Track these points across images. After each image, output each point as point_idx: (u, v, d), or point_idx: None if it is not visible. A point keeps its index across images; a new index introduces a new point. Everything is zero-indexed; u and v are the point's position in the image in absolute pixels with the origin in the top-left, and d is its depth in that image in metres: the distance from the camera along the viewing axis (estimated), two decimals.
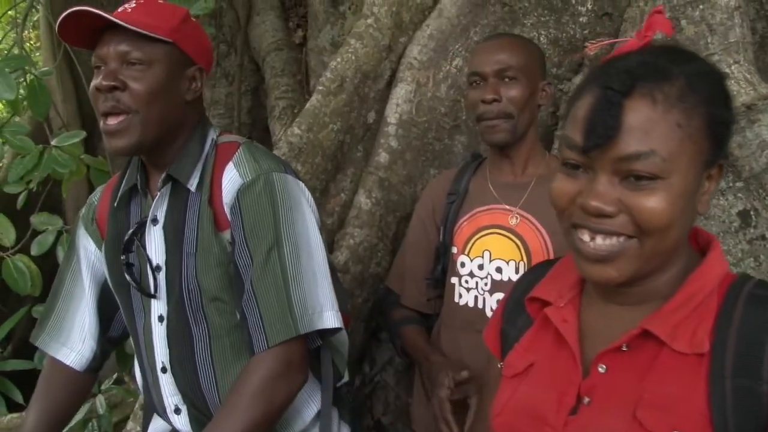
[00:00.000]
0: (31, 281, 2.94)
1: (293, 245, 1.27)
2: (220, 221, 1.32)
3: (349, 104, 2.23)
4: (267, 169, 1.32)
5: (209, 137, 1.41)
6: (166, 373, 1.40)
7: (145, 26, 1.28)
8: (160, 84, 1.29)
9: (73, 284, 1.52)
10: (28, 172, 2.65)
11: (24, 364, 3.52)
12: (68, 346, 1.50)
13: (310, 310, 1.25)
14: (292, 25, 3.67)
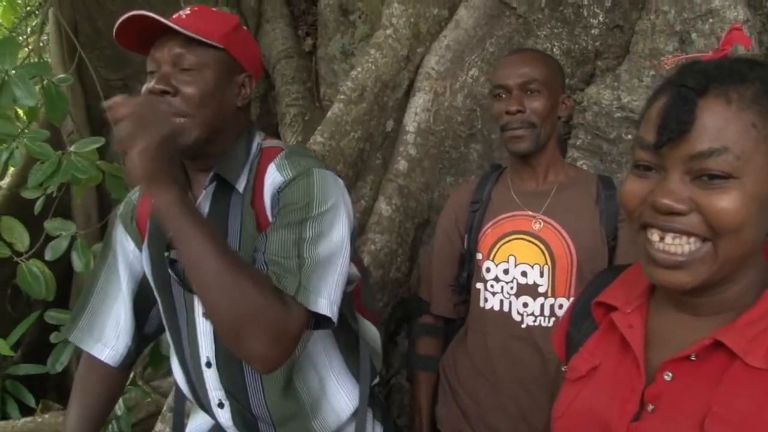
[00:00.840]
0: (45, 286, 2.97)
1: (316, 231, 1.25)
2: (261, 221, 1.34)
3: (369, 113, 2.29)
4: (308, 166, 1.33)
5: (255, 141, 1.43)
6: (211, 368, 1.42)
7: (199, 32, 1.29)
8: (210, 88, 1.31)
9: (108, 281, 1.54)
10: (48, 178, 2.68)
11: (36, 368, 3.56)
12: (102, 342, 1.52)
13: (309, 288, 1.21)
14: (301, 33, 3.72)
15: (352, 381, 1.48)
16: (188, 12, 1.35)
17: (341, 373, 1.48)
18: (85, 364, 1.55)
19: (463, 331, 1.87)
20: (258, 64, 1.45)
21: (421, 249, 2.34)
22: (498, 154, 2.41)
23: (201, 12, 1.37)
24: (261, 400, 1.41)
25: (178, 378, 1.55)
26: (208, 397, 1.45)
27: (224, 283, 1.11)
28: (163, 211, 1.13)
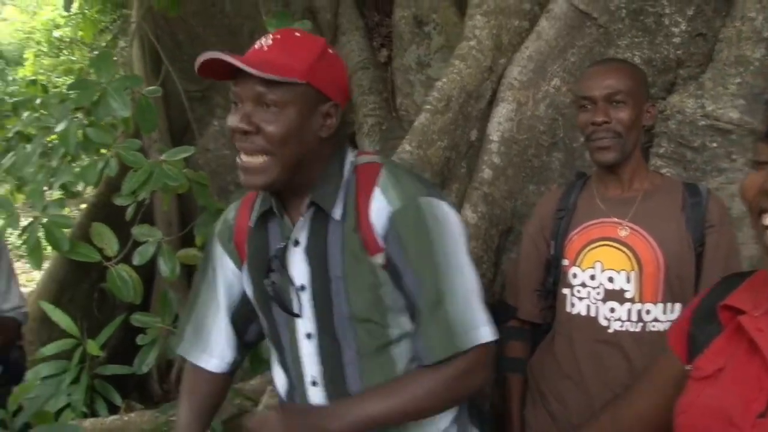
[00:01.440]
0: (133, 289, 3.09)
1: (447, 270, 1.32)
2: (369, 246, 1.36)
3: (454, 122, 2.35)
4: (414, 194, 1.35)
5: (347, 161, 1.43)
6: (317, 387, 1.46)
7: (280, 69, 1.27)
8: (293, 126, 1.30)
9: (209, 296, 1.59)
10: (140, 186, 2.80)
11: (123, 369, 3.70)
12: (208, 353, 1.58)
13: (471, 328, 1.32)
14: (376, 44, 3.79)
15: None
16: (270, 42, 1.33)
17: None
18: (191, 371, 1.62)
19: (550, 336, 1.91)
20: (345, 90, 1.41)
21: (504, 255, 2.38)
22: (580, 163, 2.43)
23: (284, 41, 1.34)
24: None
25: (279, 387, 1.60)
26: None
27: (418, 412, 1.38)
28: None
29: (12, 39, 15.44)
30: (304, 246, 1.41)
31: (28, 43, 13.87)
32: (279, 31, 1.39)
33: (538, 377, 1.91)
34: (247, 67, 1.24)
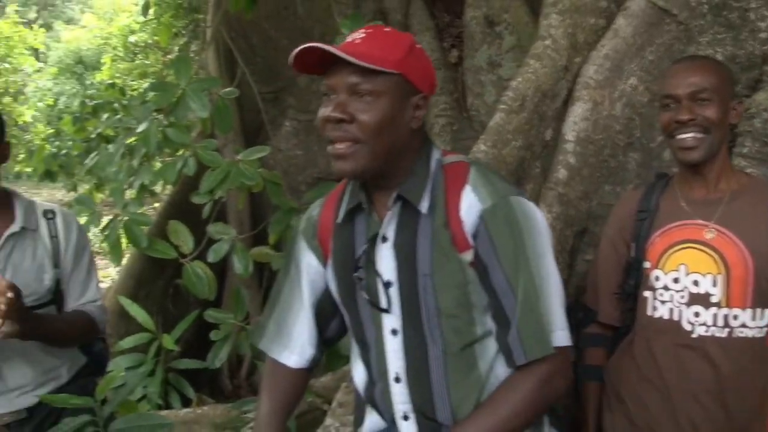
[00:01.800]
0: (207, 286, 3.17)
1: (536, 270, 1.33)
2: (458, 243, 1.37)
3: (529, 122, 2.33)
4: (505, 193, 1.37)
5: (433, 158, 1.44)
6: (400, 383, 1.47)
7: (374, 59, 1.30)
8: (386, 115, 1.32)
9: (291, 293, 1.61)
10: (218, 185, 2.88)
11: (196, 363, 3.79)
12: (289, 349, 1.60)
13: (552, 330, 1.33)
14: (446, 45, 3.79)
15: None
16: (362, 36, 1.37)
17: None
18: (271, 366, 1.64)
19: (629, 339, 1.86)
20: (432, 82, 1.44)
21: (578, 257, 2.35)
22: (657, 163, 2.37)
23: (375, 35, 1.38)
24: (448, 415, 1.44)
25: (358, 383, 1.61)
26: (392, 410, 1.50)
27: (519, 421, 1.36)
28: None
29: (90, 45, 16.04)
30: (392, 242, 1.42)
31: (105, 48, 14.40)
32: (368, 26, 1.42)
33: (616, 381, 1.88)
34: (345, 56, 1.28)
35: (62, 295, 2.17)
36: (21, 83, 14.22)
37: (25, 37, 13.38)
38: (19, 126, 13.62)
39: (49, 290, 2.11)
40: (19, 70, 13.66)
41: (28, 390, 2.09)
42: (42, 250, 2.11)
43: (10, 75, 12.96)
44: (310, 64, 1.36)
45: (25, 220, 2.08)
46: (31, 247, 2.09)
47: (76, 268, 2.18)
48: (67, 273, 2.16)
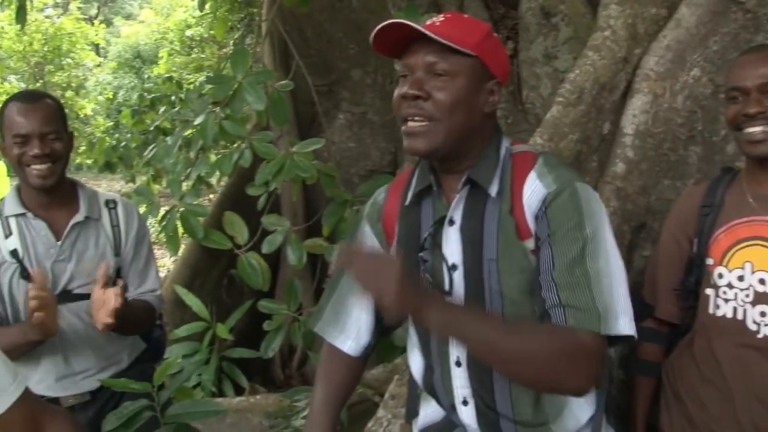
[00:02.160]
0: (261, 277, 3.21)
1: (594, 251, 1.28)
2: (521, 230, 1.36)
3: (586, 115, 2.29)
4: (570, 179, 1.34)
5: (503, 146, 1.44)
6: (461, 367, 1.46)
7: (453, 39, 1.31)
8: (462, 95, 1.33)
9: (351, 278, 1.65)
10: (273, 177, 2.91)
11: (249, 353, 3.86)
12: (345, 334, 1.60)
13: (611, 314, 1.26)
14: (501, 37, 3.75)
15: (592, 390, 1.47)
16: (441, 19, 1.39)
17: None
18: (327, 353, 1.65)
19: (689, 338, 1.81)
20: (507, 71, 1.45)
21: (636, 252, 2.30)
22: (719, 157, 2.31)
23: (454, 19, 1.40)
24: (507, 401, 1.44)
25: (416, 372, 1.61)
26: (452, 395, 1.50)
27: (518, 357, 1.24)
28: (435, 329, 1.28)
29: (148, 40, 16.41)
30: (458, 225, 1.42)
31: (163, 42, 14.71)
32: (448, 12, 1.46)
33: (674, 380, 1.83)
34: (428, 32, 1.29)
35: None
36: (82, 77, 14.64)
37: (87, 33, 13.76)
38: (80, 119, 14.04)
39: (110, 278, 2.16)
40: (80, 64, 14.07)
41: (91, 374, 2.15)
42: (104, 239, 2.16)
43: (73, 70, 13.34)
44: (389, 44, 1.38)
45: (88, 210, 2.14)
46: (94, 235, 2.15)
47: (136, 257, 2.23)
48: (128, 262, 2.21)
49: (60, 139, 2.04)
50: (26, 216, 2.07)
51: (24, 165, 1.99)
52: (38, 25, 11.85)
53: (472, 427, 1.50)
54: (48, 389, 2.11)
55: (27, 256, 2.05)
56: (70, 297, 2.10)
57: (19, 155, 1.98)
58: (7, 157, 2.03)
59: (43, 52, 11.78)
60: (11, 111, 1.99)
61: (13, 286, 2.05)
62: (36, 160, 1.98)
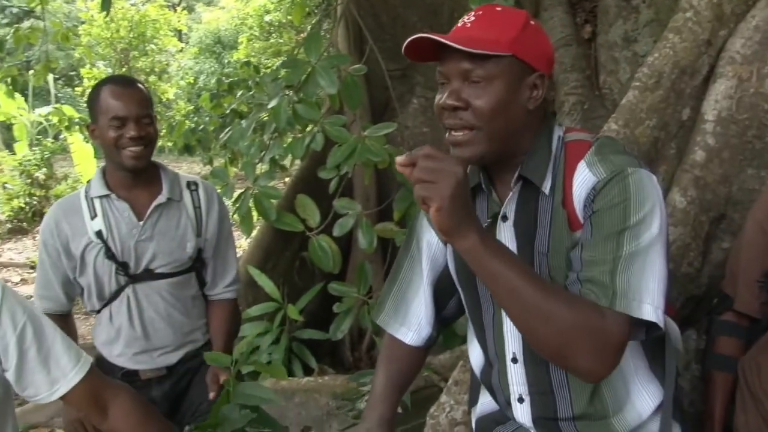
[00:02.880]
0: (332, 259, 3.23)
1: (634, 237, 1.24)
2: (573, 221, 1.33)
3: (665, 100, 2.20)
4: (621, 166, 1.29)
5: (555, 135, 1.41)
6: (517, 364, 1.45)
7: (484, 43, 1.28)
8: (501, 98, 1.29)
9: (411, 270, 1.62)
10: (344, 160, 2.93)
11: (319, 334, 3.93)
12: (406, 326, 1.62)
13: (630, 296, 1.21)
14: (579, 20, 3.66)
15: (656, 384, 1.46)
16: (473, 18, 1.34)
17: (646, 376, 1.46)
18: (389, 342, 1.67)
19: None
20: (550, 59, 1.39)
21: (714, 244, 2.21)
22: None
23: (486, 15, 1.35)
24: (566, 399, 1.42)
25: (475, 365, 1.61)
26: (508, 391, 1.49)
27: (538, 312, 1.18)
28: (467, 257, 1.21)
29: (228, 25, 16.75)
30: (512, 221, 1.41)
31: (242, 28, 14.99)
32: (480, 7, 1.38)
33: (752, 378, 1.75)
34: (453, 44, 1.26)
35: (202, 263, 2.31)
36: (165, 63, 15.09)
37: (170, 20, 14.16)
38: (162, 103, 14.50)
39: (190, 258, 2.24)
40: (163, 50, 14.50)
41: (168, 350, 2.24)
42: (185, 220, 2.23)
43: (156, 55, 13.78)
44: (424, 52, 1.34)
45: (170, 192, 2.21)
46: (175, 216, 2.22)
47: (217, 238, 2.30)
48: (209, 243, 2.28)
49: (152, 123, 2.13)
50: (110, 197, 2.15)
51: (120, 147, 2.06)
52: (124, 13, 12.29)
53: (526, 425, 1.49)
54: (127, 362, 2.22)
55: (111, 236, 2.14)
56: (152, 276, 2.19)
57: (116, 138, 2.05)
58: (99, 139, 2.11)
59: (129, 39, 12.21)
60: (107, 95, 2.07)
61: (98, 266, 2.15)
62: (132, 142, 2.05)
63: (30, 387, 1.47)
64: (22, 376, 1.46)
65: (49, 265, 2.17)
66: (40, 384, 1.47)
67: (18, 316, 1.45)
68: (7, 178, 10.86)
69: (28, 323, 1.46)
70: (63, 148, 12.84)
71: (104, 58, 12.80)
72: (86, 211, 2.14)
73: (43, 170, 10.79)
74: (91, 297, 2.19)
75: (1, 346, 1.43)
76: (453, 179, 1.14)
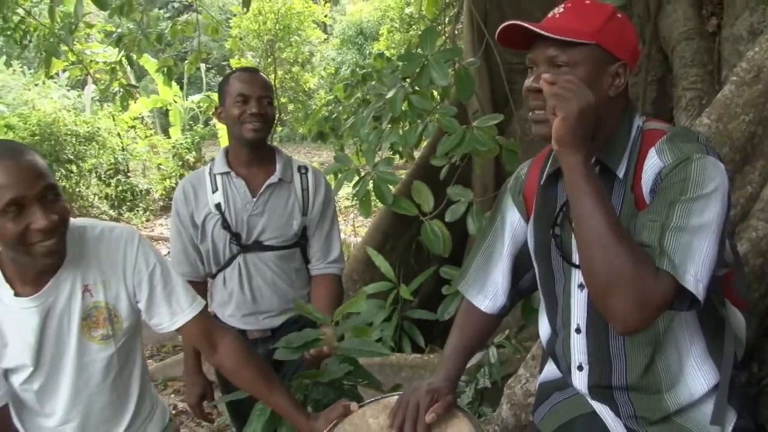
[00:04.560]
0: (443, 243, 3.39)
1: (686, 212, 1.30)
2: (639, 203, 1.43)
3: (763, 95, 2.19)
4: (689, 152, 1.35)
5: (635, 124, 1.49)
6: (580, 334, 1.56)
7: (570, 32, 1.37)
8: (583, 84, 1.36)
9: (494, 243, 1.76)
10: (453, 149, 3.07)
11: (428, 314, 4.10)
12: (483, 294, 1.77)
13: (676, 262, 1.27)
14: (705, 12, 3.57)
15: (711, 365, 1.51)
16: (562, 10, 1.45)
17: (702, 356, 1.51)
18: (466, 307, 1.82)
19: None
20: (634, 50, 1.46)
21: None
22: None
23: (575, 8, 1.45)
24: (622, 370, 1.52)
25: (542, 335, 1.74)
26: (570, 359, 1.60)
27: (604, 242, 1.29)
28: (567, 171, 1.34)
29: (371, 17, 17.18)
30: None
31: (384, 20, 15.34)
32: (571, 0, 1.48)
33: None
34: (540, 30, 1.39)
35: (307, 240, 2.55)
36: (308, 54, 15.72)
37: (314, 12, 14.72)
38: (304, 92, 15.13)
39: (295, 234, 2.49)
40: (307, 41, 15.12)
41: (273, 315, 2.51)
42: (293, 200, 2.48)
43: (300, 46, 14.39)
44: (517, 40, 1.47)
45: (282, 173, 2.47)
46: (285, 196, 2.47)
47: (321, 219, 2.54)
48: (314, 222, 2.52)
49: (271, 104, 2.41)
50: (230, 174, 2.44)
51: (242, 122, 2.36)
52: (271, 6, 12.94)
53: (582, 391, 1.60)
54: (237, 323, 2.50)
55: (227, 209, 2.42)
56: (261, 247, 2.46)
57: (240, 114, 2.35)
58: (226, 118, 2.42)
59: (275, 31, 12.86)
60: (234, 79, 2.40)
61: (215, 234, 2.45)
62: (253, 117, 2.35)
63: (155, 317, 1.79)
64: (150, 307, 1.78)
65: (182, 232, 2.49)
66: (163, 315, 1.78)
67: (150, 258, 1.77)
68: (161, 159, 11.86)
69: (157, 265, 1.77)
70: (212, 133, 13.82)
71: (252, 49, 13.57)
72: (209, 185, 2.44)
73: (192, 153, 11.71)
74: (208, 262, 2.50)
75: (137, 281, 1.75)
76: (585, 100, 1.31)
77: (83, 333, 1.70)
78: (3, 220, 1.47)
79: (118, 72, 5.21)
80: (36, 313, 1.63)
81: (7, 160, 1.48)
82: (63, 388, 1.72)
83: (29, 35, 6.76)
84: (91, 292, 1.70)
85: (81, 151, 10.25)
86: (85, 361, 1.72)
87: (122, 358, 1.79)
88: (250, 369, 1.81)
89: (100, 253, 1.71)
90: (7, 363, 1.64)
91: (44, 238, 1.51)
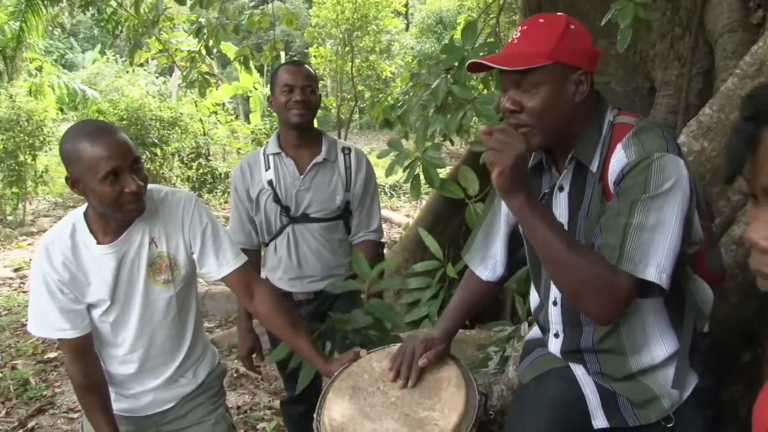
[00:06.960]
0: None
1: (645, 209, 1.48)
2: (606, 193, 1.61)
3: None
4: (651, 150, 1.49)
5: (606, 119, 1.65)
6: (557, 306, 1.79)
7: (527, 59, 1.53)
8: (548, 99, 1.56)
9: (493, 221, 1.97)
10: None
11: None
12: (483, 265, 1.98)
13: (636, 259, 1.46)
14: (752, 5, 3.60)
15: (673, 336, 1.70)
16: (518, 35, 1.61)
17: (664, 327, 1.70)
18: (469, 275, 2.05)
19: None
20: (591, 56, 1.61)
21: None
22: None
23: (529, 30, 1.60)
24: (590, 333, 1.74)
25: (532, 304, 1.97)
26: (549, 327, 1.85)
27: (562, 262, 1.50)
28: (514, 211, 1.57)
29: (450, 6, 17.28)
30: (567, 191, 1.73)
31: (463, 8, 15.42)
32: (525, 21, 1.65)
33: None
34: (498, 66, 1.57)
35: (350, 213, 2.85)
36: (386, 42, 15.98)
37: (392, 2, 14.96)
38: (383, 80, 15.40)
39: (338, 208, 2.78)
40: (385, 31, 15.38)
41: (316, 279, 2.82)
42: (337, 177, 2.77)
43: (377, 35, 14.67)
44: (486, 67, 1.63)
45: (327, 153, 2.77)
46: (329, 174, 2.77)
47: (363, 196, 2.83)
48: (356, 197, 2.81)
49: (314, 92, 2.71)
50: (281, 155, 2.76)
51: (288, 108, 2.68)
52: None
53: (557, 356, 1.84)
54: (285, 285, 2.83)
55: (278, 185, 2.74)
56: (307, 219, 2.78)
57: (286, 101, 2.67)
58: (275, 105, 2.74)
59: (353, 20, 13.18)
60: (282, 71, 2.72)
61: (267, 207, 2.79)
62: (297, 104, 2.66)
63: (205, 266, 2.13)
64: (201, 258, 2.11)
65: (239, 205, 2.83)
66: (211, 265, 2.11)
67: (204, 217, 2.11)
68: (241, 144, 12.39)
69: (209, 223, 2.11)
70: None
71: (331, 37, 13.94)
72: (263, 164, 2.77)
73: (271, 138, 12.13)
74: (262, 232, 2.84)
75: (192, 235, 2.09)
76: (516, 152, 1.47)
77: (149, 276, 2.06)
78: (102, 185, 1.83)
79: (198, 61, 5.58)
80: (113, 258, 1.99)
81: (107, 137, 1.84)
82: (132, 321, 2.07)
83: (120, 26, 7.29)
84: (156, 243, 2.06)
85: (165, 135, 10.92)
86: (150, 299, 2.07)
87: (180, 302, 2.13)
88: (280, 316, 2.12)
89: (164, 212, 2.07)
90: (90, 298, 2.01)
91: (134, 199, 1.89)
